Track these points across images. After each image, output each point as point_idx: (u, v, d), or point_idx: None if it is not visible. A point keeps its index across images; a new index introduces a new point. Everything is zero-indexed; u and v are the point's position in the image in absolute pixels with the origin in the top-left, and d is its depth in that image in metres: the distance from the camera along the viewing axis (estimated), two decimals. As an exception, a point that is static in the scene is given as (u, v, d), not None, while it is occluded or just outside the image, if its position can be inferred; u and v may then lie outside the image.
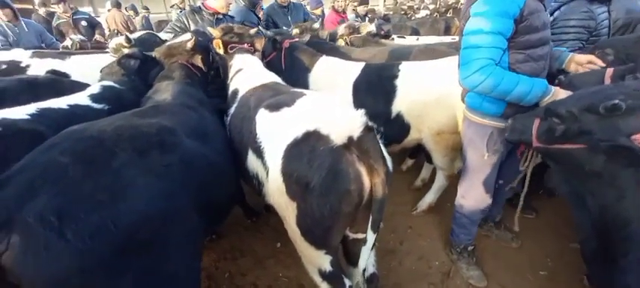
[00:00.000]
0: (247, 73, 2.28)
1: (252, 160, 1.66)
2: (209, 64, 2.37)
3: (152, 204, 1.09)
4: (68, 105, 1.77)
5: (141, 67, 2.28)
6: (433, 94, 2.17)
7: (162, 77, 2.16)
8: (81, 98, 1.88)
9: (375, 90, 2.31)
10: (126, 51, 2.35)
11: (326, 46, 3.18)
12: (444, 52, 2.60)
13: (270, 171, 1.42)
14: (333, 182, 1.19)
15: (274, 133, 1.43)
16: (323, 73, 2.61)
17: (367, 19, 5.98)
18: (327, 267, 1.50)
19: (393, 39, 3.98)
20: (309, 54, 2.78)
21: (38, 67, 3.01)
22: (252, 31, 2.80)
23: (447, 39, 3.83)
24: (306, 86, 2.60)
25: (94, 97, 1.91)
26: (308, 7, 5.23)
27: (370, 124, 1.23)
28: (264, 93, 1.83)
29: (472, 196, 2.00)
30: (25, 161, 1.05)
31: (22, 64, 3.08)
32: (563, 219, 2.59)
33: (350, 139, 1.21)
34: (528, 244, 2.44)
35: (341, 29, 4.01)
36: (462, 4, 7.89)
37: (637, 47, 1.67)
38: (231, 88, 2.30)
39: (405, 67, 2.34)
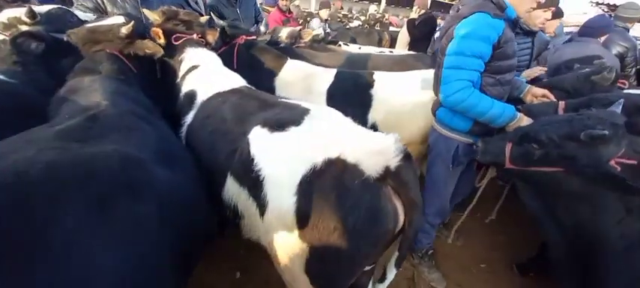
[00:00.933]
0: (205, 72, 1.88)
1: (231, 187, 1.35)
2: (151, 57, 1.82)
3: None
4: None
5: (46, 54, 1.60)
6: (408, 105, 2.18)
7: (83, 70, 1.55)
8: None
9: (350, 98, 2.19)
10: (24, 28, 1.60)
11: (289, 49, 2.93)
12: (412, 66, 2.66)
13: (269, 206, 1.16)
14: (372, 224, 1.03)
15: (279, 159, 1.17)
16: (292, 78, 2.36)
17: (327, 24, 5.88)
18: None
19: (340, 46, 3.93)
20: (273, 55, 2.48)
21: None
22: (203, 19, 2.33)
23: (386, 50, 4.00)
24: (270, 91, 2.29)
25: None
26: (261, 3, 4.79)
27: (408, 151, 1.09)
28: (247, 102, 1.50)
29: (435, 203, 2.08)
30: None
31: None
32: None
33: (386, 170, 1.04)
34: (469, 241, 2.72)
35: (283, 35, 3.72)
36: (387, 19, 8.58)
37: (584, 85, 2.00)
38: (183, 90, 1.86)
39: (381, 77, 2.29)
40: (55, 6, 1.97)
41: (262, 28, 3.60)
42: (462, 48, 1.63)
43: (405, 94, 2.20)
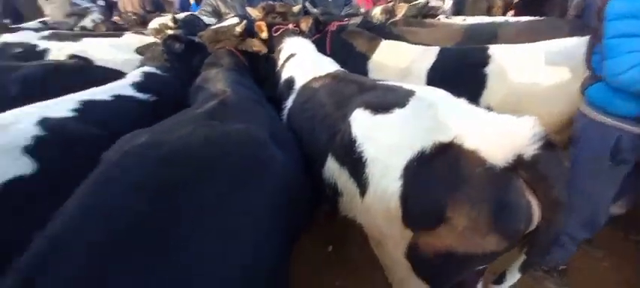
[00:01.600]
0: (303, 59, 2.00)
1: (332, 166, 1.40)
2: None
3: (259, 264, 0.80)
4: (111, 96, 1.52)
5: (185, 53, 2.00)
6: (537, 84, 1.81)
7: (209, 64, 1.89)
8: (123, 88, 1.62)
9: (457, 79, 1.94)
10: (170, 32, 2.05)
11: (382, 30, 2.81)
12: (543, 32, 2.19)
13: (370, 187, 1.15)
14: (494, 221, 0.89)
15: (383, 142, 1.14)
16: (387, 60, 2.27)
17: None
18: None
19: (439, 19, 3.62)
20: (365, 38, 2.45)
21: (57, 50, 2.72)
22: (296, 8, 2.51)
23: (499, 19, 3.44)
24: (364, 74, 2.28)
25: (138, 87, 1.65)
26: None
27: (551, 138, 0.91)
28: (344, 86, 1.53)
29: (582, 212, 1.67)
30: (76, 208, 0.70)
31: (39, 48, 2.79)
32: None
33: (518, 159, 0.89)
34: (618, 262, 2.10)
35: (376, 12, 3.66)
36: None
37: None
38: (283, 77, 2.02)
39: (498, 52, 1.97)
40: (188, 13, 2.42)
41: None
42: (632, 9, 1.27)
43: (532, 71, 1.83)
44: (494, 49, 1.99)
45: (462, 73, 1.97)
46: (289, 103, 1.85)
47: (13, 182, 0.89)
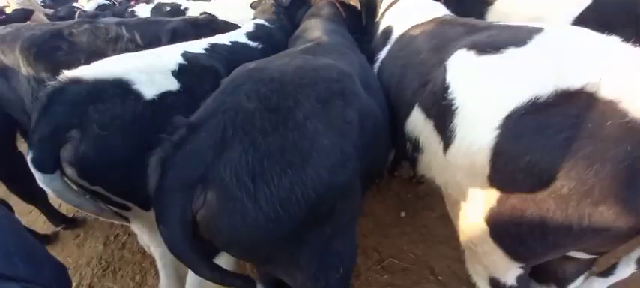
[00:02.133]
0: (404, 6, 1.88)
1: (416, 118, 1.31)
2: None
3: (336, 171, 0.91)
4: (230, 42, 1.79)
5: (290, 6, 2.18)
6: None
7: (310, 15, 2.01)
8: (239, 36, 1.89)
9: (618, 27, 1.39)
10: None
11: None
12: None
13: (457, 139, 1.03)
14: (620, 191, 0.72)
15: (483, 86, 0.99)
16: (514, 6, 1.90)
17: None
18: (509, 281, 1.09)
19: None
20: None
21: (193, 9, 3.38)
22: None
23: None
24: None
25: (250, 36, 1.90)
26: None
27: None
28: (450, 29, 1.36)
29: None
30: (212, 103, 0.96)
31: (182, 7, 3.51)
32: None
33: None
34: None
35: None
36: None
37: None
38: (380, 27, 1.95)
39: None
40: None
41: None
42: None
43: None
44: None
45: (627, 25, 1.41)
46: (383, 54, 1.78)
47: (165, 94, 1.23)
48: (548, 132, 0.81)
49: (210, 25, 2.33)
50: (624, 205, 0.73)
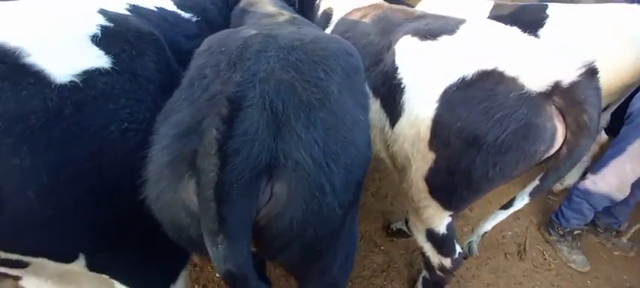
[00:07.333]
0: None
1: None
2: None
3: (370, 148, 0.87)
4: (156, 7, 1.52)
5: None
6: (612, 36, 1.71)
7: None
8: (165, 2, 1.60)
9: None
10: None
11: None
12: None
13: (404, 114, 1.21)
14: (520, 141, 0.95)
15: (427, 68, 1.17)
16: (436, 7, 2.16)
17: None
18: (442, 229, 1.34)
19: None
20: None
21: None
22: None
23: None
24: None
25: (180, 5, 1.57)
26: None
27: (595, 65, 0.93)
28: (392, 14, 1.48)
29: (609, 182, 1.73)
30: (243, 73, 0.74)
31: None
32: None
33: (555, 85, 0.93)
34: None
35: None
36: None
37: None
38: (320, 8, 1.99)
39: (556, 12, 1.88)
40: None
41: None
42: None
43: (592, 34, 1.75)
44: (553, 9, 1.91)
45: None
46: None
47: (90, 74, 0.89)
48: (472, 103, 1.04)
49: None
50: (521, 152, 1.01)
